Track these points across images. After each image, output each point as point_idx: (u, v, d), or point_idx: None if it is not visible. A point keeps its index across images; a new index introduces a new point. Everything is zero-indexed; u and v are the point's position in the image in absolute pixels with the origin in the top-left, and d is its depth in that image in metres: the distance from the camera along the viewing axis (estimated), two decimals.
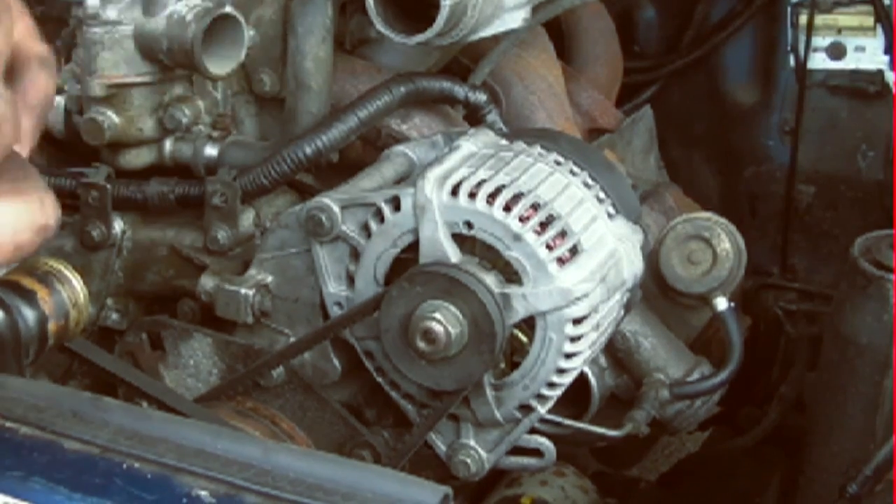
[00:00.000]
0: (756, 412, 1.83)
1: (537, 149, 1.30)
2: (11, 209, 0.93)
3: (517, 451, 1.32)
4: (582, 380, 1.39)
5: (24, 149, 0.95)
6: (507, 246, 1.20)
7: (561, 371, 1.23)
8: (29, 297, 0.98)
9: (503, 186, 1.21)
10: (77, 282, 1.00)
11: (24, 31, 0.98)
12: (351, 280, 1.28)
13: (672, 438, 2.13)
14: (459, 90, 1.43)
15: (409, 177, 1.32)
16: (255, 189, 1.38)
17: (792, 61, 1.91)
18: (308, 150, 1.36)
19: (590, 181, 1.30)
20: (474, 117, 1.46)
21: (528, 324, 1.22)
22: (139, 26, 1.36)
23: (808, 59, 1.90)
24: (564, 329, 1.20)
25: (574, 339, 1.22)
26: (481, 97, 1.44)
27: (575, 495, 1.51)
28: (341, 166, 1.45)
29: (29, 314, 0.97)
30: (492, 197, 1.20)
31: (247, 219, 1.40)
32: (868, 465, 1.29)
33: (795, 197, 1.96)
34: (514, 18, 1.40)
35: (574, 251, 1.21)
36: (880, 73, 1.86)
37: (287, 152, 1.36)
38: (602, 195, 1.30)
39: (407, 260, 1.24)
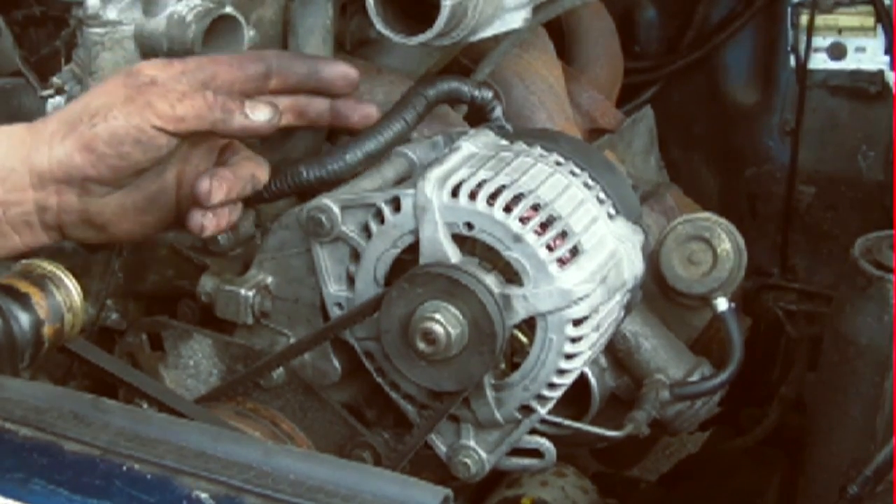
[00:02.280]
0: (756, 413, 1.83)
1: (538, 149, 1.30)
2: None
3: (517, 451, 1.32)
4: (582, 380, 1.39)
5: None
6: (507, 247, 1.20)
7: (561, 372, 1.23)
8: (24, 300, 0.98)
9: (504, 187, 1.21)
10: (72, 285, 1.00)
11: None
12: (351, 281, 1.28)
13: (672, 439, 2.13)
14: (465, 89, 1.42)
15: (410, 177, 1.32)
16: (254, 196, 1.37)
17: (792, 62, 1.91)
18: (316, 174, 1.34)
19: (590, 182, 1.30)
20: (480, 114, 1.45)
21: (529, 324, 1.22)
22: (139, 27, 1.35)
23: (808, 59, 1.89)
24: (565, 330, 1.20)
25: (574, 340, 1.22)
26: (487, 94, 1.43)
27: (575, 496, 1.51)
28: None
29: (24, 318, 0.97)
30: (492, 198, 1.20)
31: (247, 219, 1.40)
32: (868, 465, 1.29)
33: (796, 197, 1.96)
34: (515, 19, 1.40)
35: (574, 252, 1.22)
36: (881, 73, 1.86)
37: (291, 172, 1.33)
38: (602, 196, 1.30)
39: (407, 261, 1.24)
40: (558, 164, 1.29)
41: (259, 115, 1.24)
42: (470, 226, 1.21)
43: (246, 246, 1.40)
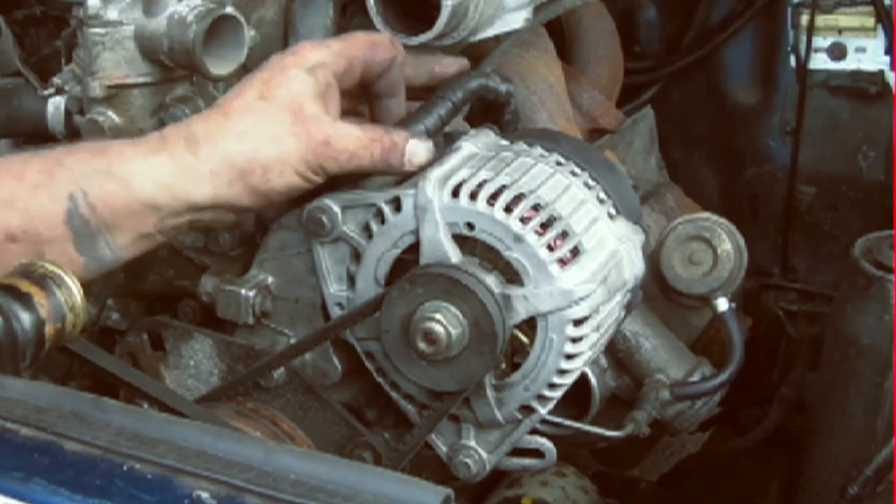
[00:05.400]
0: (757, 413, 1.83)
1: (538, 150, 1.30)
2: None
3: (518, 451, 1.32)
4: (583, 380, 1.39)
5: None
6: (507, 247, 1.20)
7: (562, 372, 1.23)
8: (25, 300, 0.98)
9: (504, 187, 1.21)
10: (74, 284, 1.00)
11: None
12: (352, 281, 1.28)
13: (673, 439, 2.13)
14: (492, 85, 1.36)
15: (410, 177, 1.32)
16: None
17: (793, 62, 1.91)
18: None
19: (591, 182, 1.30)
20: (497, 109, 1.42)
21: (529, 325, 1.22)
22: (140, 27, 1.36)
23: (808, 59, 1.90)
24: (565, 330, 1.20)
25: (575, 340, 1.22)
26: (511, 87, 1.39)
27: (575, 496, 1.51)
28: None
29: (25, 318, 0.97)
30: (493, 198, 1.20)
31: (248, 219, 1.40)
32: (869, 465, 1.29)
33: (796, 197, 1.96)
34: (516, 19, 1.40)
35: (575, 252, 1.21)
36: (881, 73, 1.86)
37: None
38: (603, 196, 1.30)
39: (408, 261, 1.24)
40: (559, 164, 1.29)
41: (418, 159, 1.25)
42: (471, 226, 1.21)
43: (247, 246, 1.40)
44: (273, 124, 1.20)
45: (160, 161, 1.19)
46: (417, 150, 1.25)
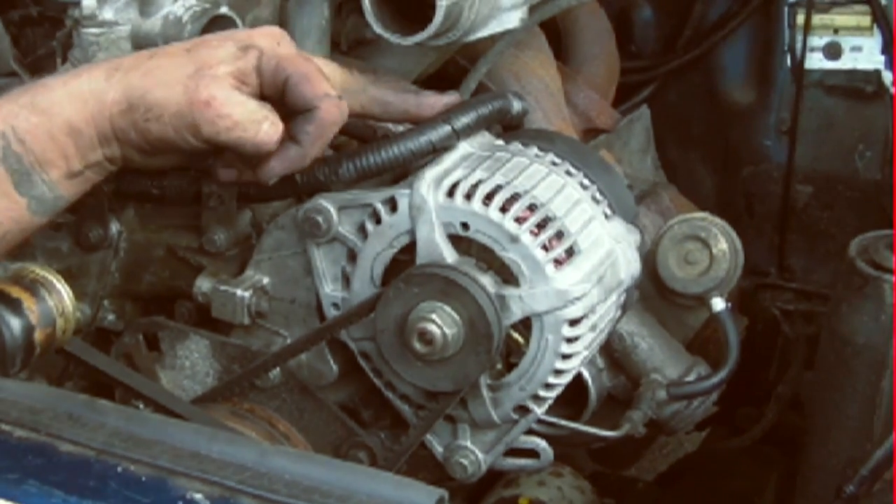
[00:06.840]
0: (753, 412, 1.83)
1: (534, 150, 1.30)
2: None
3: (514, 452, 1.32)
4: (579, 380, 1.39)
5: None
6: (503, 247, 1.20)
7: (558, 372, 1.23)
8: (14, 305, 0.98)
9: (500, 187, 1.21)
10: (64, 290, 1.00)
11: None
12: (347, 281, 1.28)
13: (669, 438, 2.13)
14: (514, 104, 1.34)
15: (406, 177, 1.32)
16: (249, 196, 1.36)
17: (789, 61, 1.92)
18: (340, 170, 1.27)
19: (586, 182, 1.30)
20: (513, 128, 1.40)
21: (525, 325, 1.22)
22: (135, 27, 1.35)
23: (804, 58, 1.90)
24: (561, 330, 1.20)
25: (571, 340, 1.22)
26: (526, 105, 1.38)
27: (572, 496, 1.51)
28: None
29: (14, 323, 0.97)
30: (488, 198, 1.20)
31: (243, 220, 1.40)
32: (865, 465, 1.29)
33: (792, 197, 1.96)
34: (511, 19, 1.40)
35: (571, 252, 1.22)
36: (877, 72, 1.87)
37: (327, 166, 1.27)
38: (599, 196, 1.30)
39: (404, 261, 1.24)
40: (554, 164, 1.29)
41: (293, 161, 1.22)
42: (466, 226, 1.21)
43: (242, 246, 1.40)
44: (175, 71, 1.20)
45: (77, 84, 1.21)
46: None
